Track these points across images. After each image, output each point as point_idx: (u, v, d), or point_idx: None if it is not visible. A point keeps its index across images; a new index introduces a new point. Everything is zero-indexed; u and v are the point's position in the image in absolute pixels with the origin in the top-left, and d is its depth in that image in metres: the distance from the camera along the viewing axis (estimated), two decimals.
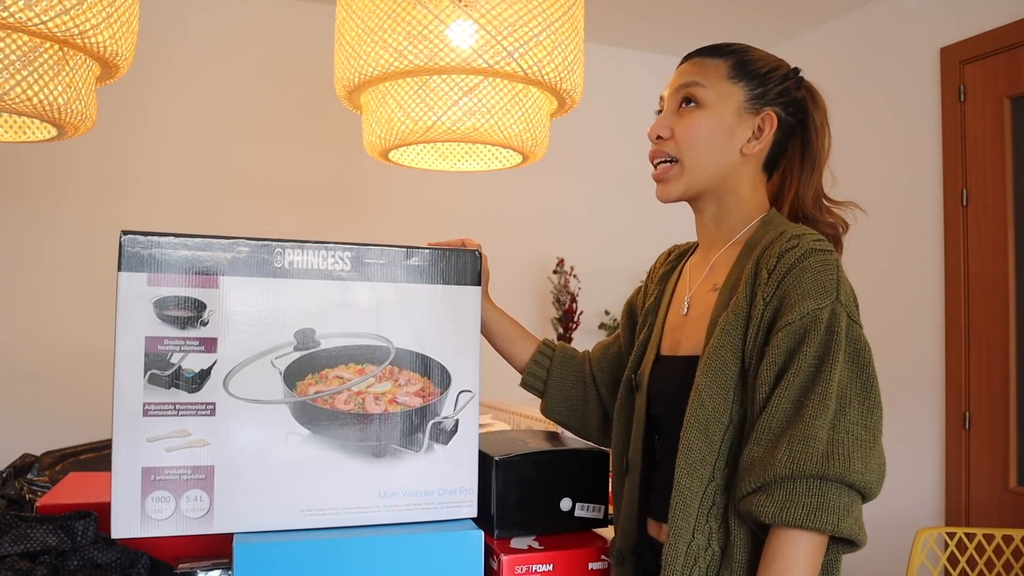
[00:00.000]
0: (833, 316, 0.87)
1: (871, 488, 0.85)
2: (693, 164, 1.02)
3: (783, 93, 1.04)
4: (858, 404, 0.85)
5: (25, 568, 1.02)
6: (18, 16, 1.02)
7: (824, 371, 0.85)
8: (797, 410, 0.85)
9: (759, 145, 1.02)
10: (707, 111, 1.01)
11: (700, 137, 1.01)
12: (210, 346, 0.95)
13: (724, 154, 1.02)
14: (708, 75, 1.02)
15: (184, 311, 0.94)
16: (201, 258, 0.95)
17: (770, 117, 1.02)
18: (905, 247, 2.72)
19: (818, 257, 0.91)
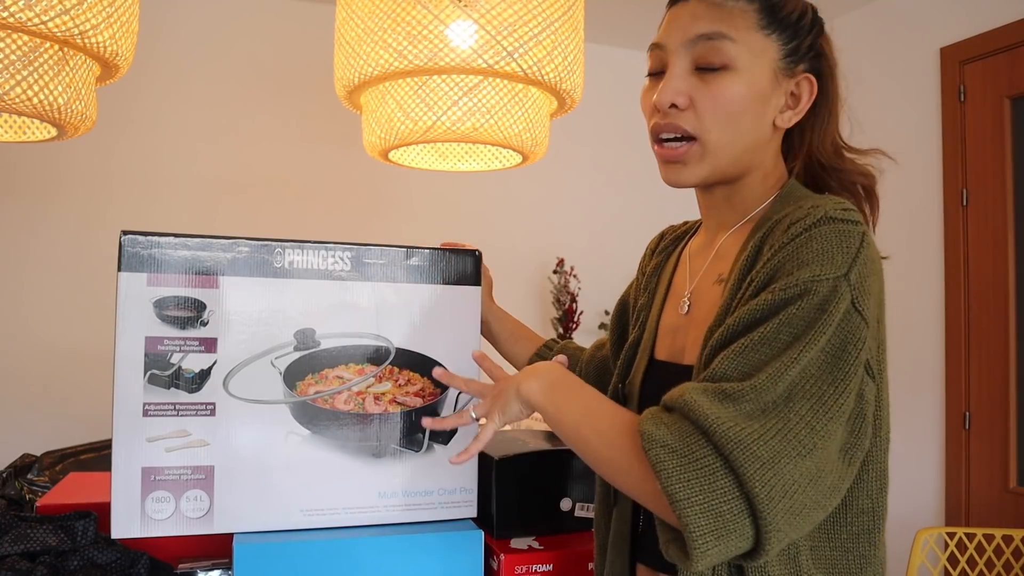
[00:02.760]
0: (833, 293, 0.67)
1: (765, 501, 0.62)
2: (720, 144, 0.79)
3: (814, 45, 0.82)
4: (815, 400, 0.65)
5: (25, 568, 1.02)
6: (18, 16, 1.02)
7: (794, 348, 0.66)
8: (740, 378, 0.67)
9: (795, 116, 0.82)
10: (739, 76, 0.78)
11: (730, 111, 0.78)
12: (210, 346, 0.95)
13: (756, 129, 0.80)
14: (737, 24, 0.78)
15: (184, 311, 0.94)
16: (201, 258, 0.95)
17: (809, 81, 0.81)
18: (905, 247, 2.72)
19: (835, 226, 0.70)
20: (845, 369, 0.67)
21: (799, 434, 0.64)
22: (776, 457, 0.62)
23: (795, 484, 0.63)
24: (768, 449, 0.62)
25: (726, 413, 0.64)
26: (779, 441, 0.63)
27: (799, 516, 0.64)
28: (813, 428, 0.64)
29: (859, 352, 0.67)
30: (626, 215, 3.35)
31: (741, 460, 0.62)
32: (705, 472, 0.63)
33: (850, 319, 0.68)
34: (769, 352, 0.67)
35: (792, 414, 0.64)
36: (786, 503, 0.63)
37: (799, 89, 0.82)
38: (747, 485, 0.62)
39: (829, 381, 0.66)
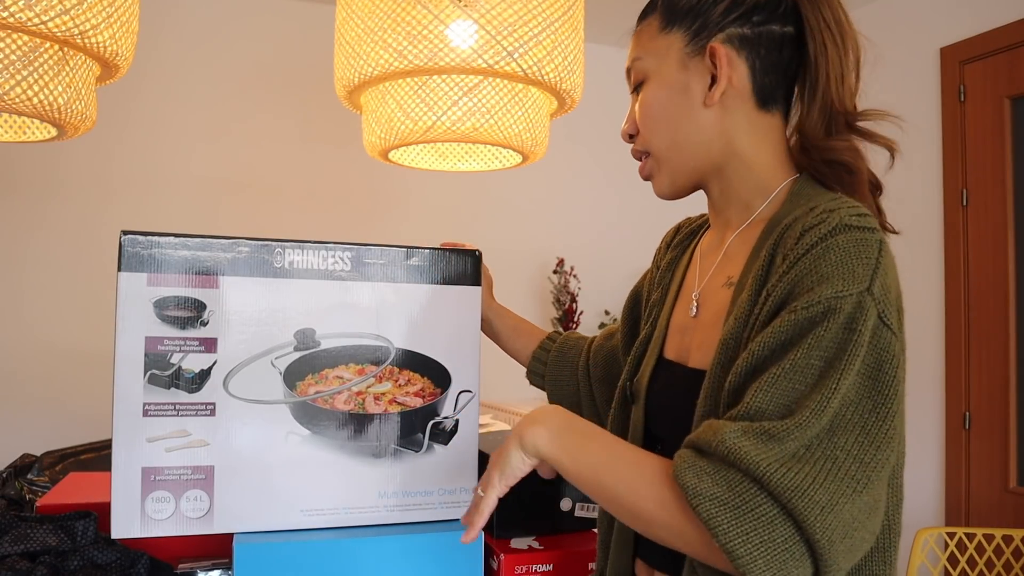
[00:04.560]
0: (858, 309, 0.64)
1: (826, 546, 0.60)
2: (663, 148, 0.82)
3: (734, 6, 0.78)
4: (859, 431, 0.62)
5: (25, 568, 1.02)
6: (18, 16, 1.02)
7: (831, 377, 0.63)
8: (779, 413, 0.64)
9: (720, 88, 0.78)
10: (651, 82, 0.82)
11: (653, 116, 0.82)
12: (210, 346, 0.95)
13: (690, 120, 0.80)
14: (643, 41, 0.83)
15: (184, 311, 0.94)
16: (201, 258, 0.95)
17: (716, 49, 0.78)
18: (905, 247, 2.72)
19: (852, 235, 0.67)
20: (885, 392, 0.64)
21: (850, 470, 0.61)
22: (833, 500, 0.60)
23: (854, 522, 0.61)
24: (825, 492, 0.60)
25: (773, 456, 0.61)
26: (833, 482, 0.61)
27: (856, 551, 0.63)
28: (863, 461, 0.62)
29: (896, 369, 0.64)
30: (626, 215, 3.35)
31: (801, 508, 0.60)
32: (763, 522, 0.61)
33: (880, 336, 0.65)
34: (803, 380, 0.64)
35: (839, 450, 0.62)
36: (846, 543, 0.61)
37: (714, 61, 0.79)
38: (808, 531, 0.60)
39: (871, 407, 0.63)
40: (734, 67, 0.78)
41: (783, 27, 0.79)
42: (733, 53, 0.78)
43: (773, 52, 0.79)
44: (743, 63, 0.79)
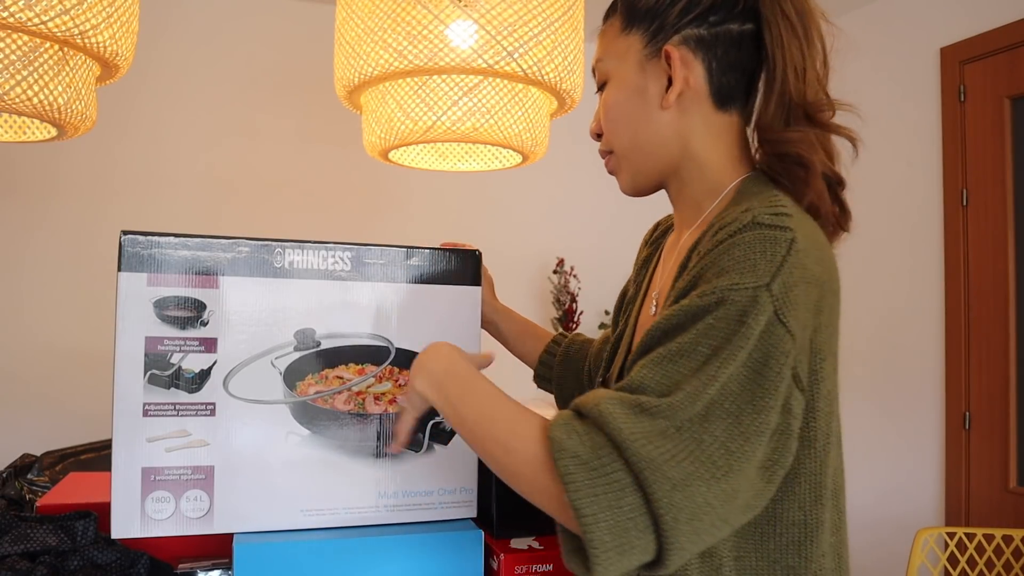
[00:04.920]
0: (752, 303, 0.64)
1: (670, 523, 0.61)
2: (624, 148, 0.84)
3: (690, 7, 0.78)
4: (732, 420, 0.63)
5: (25, 568, 1.02)
6: (18, 16, 1.02)
7: (713, 364, 0.63)
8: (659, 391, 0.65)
9: (675, 91, 0.78)
10: (612, 83, 0.84)
11: (613, 117, 0.84)
12: (210, 346, 0.95)
13: (648, 121, 0.81)
14: (605, 43, 0.85)
15: (184, 311, 0.94)
16: (201, 258, 0.95)
17: (669, 53, 0.78)
18: (905, 247, 2.72)
19: (760, 232, 0.67)
20: (766, 386, 0.64)
21: (713, 456, 0.62)
22: (688, 479, 0.61)
23: (706, 506, 0.62)
24: (680, 471, 0.61)
25: (640, 429, 0.62)
26: (691, 463, 0.61)
27: (704, 535, 0.63)
28: (729, 450, 0.62)
29: (782, 367, 0.64)
30: (626, 215, 3.35)
31: (651, 481, 0.61)
32: (614, 488, 0.62)
33: (773, 332, 0.64)
34: (688, 365, 0.64)
35: (707, 435, 0.62)
36: (693, 525, 0.62)
37: (668, 62, 0.79)
38: (655, 505, 0.61)
39: (748, 399, 0.63)
40: (690, 69, 0.79)
41: (742, 25, 0.79)
42: (689, 55, 0.78)
43: (731, 51, 0.79)
44: (699, 64, 0.79)
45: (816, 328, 0.68)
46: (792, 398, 0.66)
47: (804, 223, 0.70)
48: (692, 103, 0.80)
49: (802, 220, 0.71)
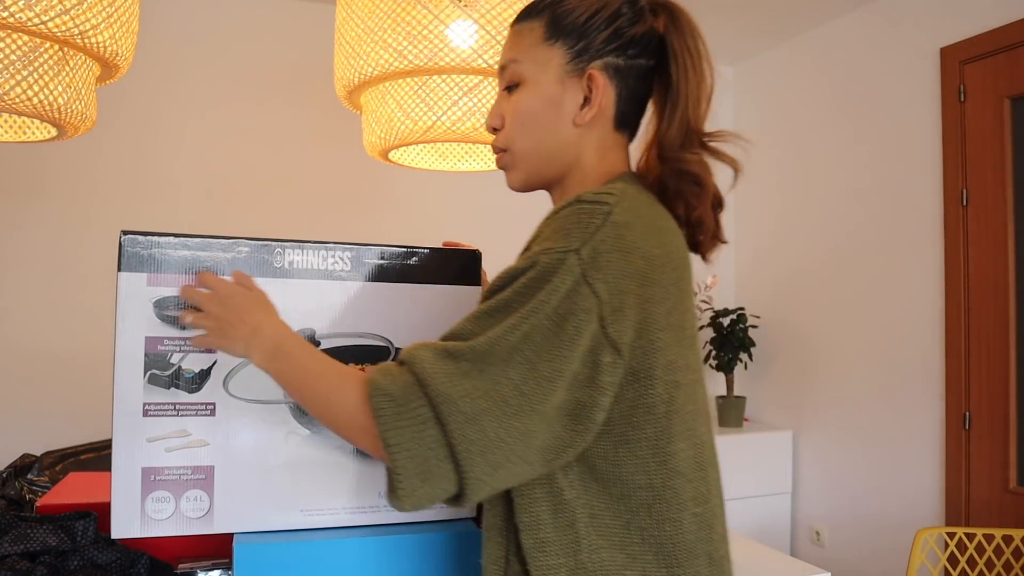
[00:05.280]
0: (560, 264, 0.71)
1: (463, 453, 0.69)
2: (523, 150, 0.88)
3: (614, 36, 0.85)
4: (528, 367, 0.70)
5: (25, 568, 1.02)
6: (18, 16, 1.02)
7: (516, 315, 0.71)
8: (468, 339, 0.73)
9: (592, 111, 0.85)
10: (527, 88, 0.87)
11: (523, 121, 0.87)
12: None
13: (557, 131, 0.87)
14: (523, 44, 0.88)
15: None
16: (201, 258, 0.95)
17: (594, 77, 0.85)
18: (905, 247, 2.72)
19: (580, 206, 0.75)
20: (563, 338, 0.70)
21: (506, 395, 0.69)
22: (479, 414, 0.69)
23: (498, 441, 0.69)
24: (473, 406, 0.69)
25: (443, 368, 0.70)
26: (485, 400, 0.69)
27: (500, 469, 0.70)
28: (522, 391, 0.70)
29: (582, 323, 0.71)
30: None
31: (446, 413, 0.69)
32: (417, 421, 0.70)
33: (578, 291, 0.71)
34: (498, 317, 0.72)
35: (504, 377, 0.70)
36: (487, 457, 0.69)
37: (590, 85, 0.85)
38: (450, 437, 0.69)
39: (547, 348, 0.70)
40: (606, 94, 0.86)
41: (648, 60, 0.87)
42: (607, 81, 0.86)
43: (638, 83, 0.88)
44: (613, 90, 0.86)
45: (648, 299, 0.74)
46: (601, 354, 0.72)
47: (633, 202, 0.77)
48: (597, 122, 0.87)
49: (632, 200, 0.77)
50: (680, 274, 0.79)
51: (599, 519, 0.75)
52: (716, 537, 0.79)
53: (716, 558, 0.78)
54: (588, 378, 0.72)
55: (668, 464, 0.76)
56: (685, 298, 0.79)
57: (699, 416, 0.80)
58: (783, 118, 3.29)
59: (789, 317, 3.24)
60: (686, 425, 0.77)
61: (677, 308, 0.77)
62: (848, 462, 2.93)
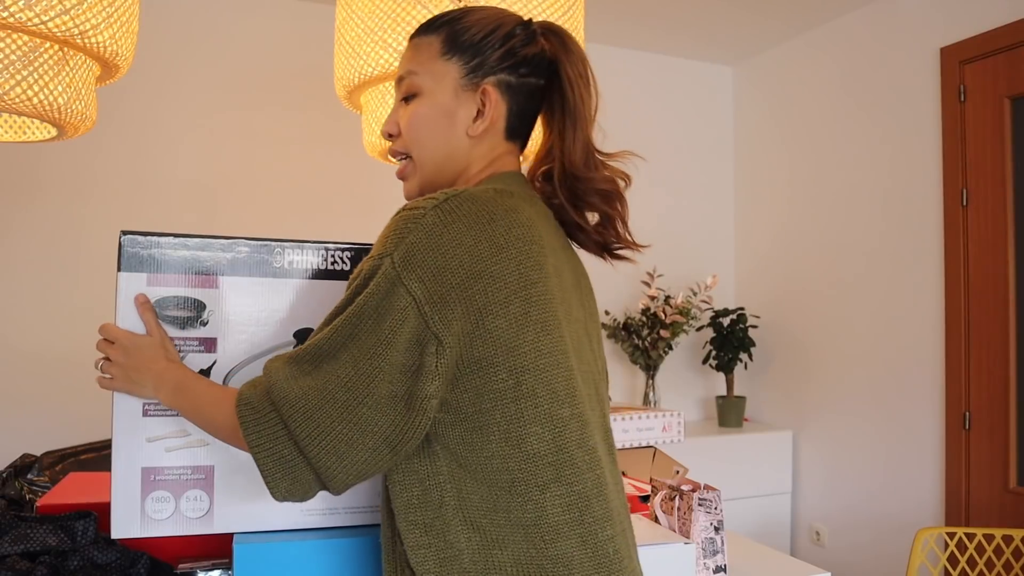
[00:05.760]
0: (377, 270, 0.78)
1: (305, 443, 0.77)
2: (422, 159, 0.94)
3: (507, 55, 0.92)
4: (352, 365, 0.77)
5: (25, 568, 1.02)
6: (18, 16, 1.02)
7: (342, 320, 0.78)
8: None
9: (484, 124, 0.92)
10: (424, 99, 0.93)
11: (420, 130, 0.93)
12: (210, 346, 0.95)
13: (449, 141, 0.93)
14: (422, 58, 0.93)
15: (184, 311, 0.95)
16: (201, 258, 0.95)
17: (487, 92, 0.91)
18: (905, 247, 2.72)
19: (401, 214, 0.81)
20: (383, 336, 0.76)
21: (335, 392, 0.76)
22: (313, 412, 0.76)
23: (337, 434, 0.76)
24: (307, 403, 0.76)
25: (284, 374, 0.79)
26: (318, 398, 0.76)
27: (348, 460, 0.77)
28: (349, 387, 0.76)
29: (401, 321, 0.77)
30: None
31: (286, 414, 0.77)
32: (269, 423, 0.78)
33: (394, 294, 0.77)
34: (333, 322, 0.80)
35: (333, 375, 0.77)
36: (330, 449, 0.76)
37: (483, 100, 0.91)
38: (293, 435, 0.77)
39: (369, 345, 0.77)
40: (498, 108, 0.92)
41: (538, 80, 0.94)
42: (499, 96, 0.92)
43: (528, 100, 0.94)
44: (504, 105, 0.93)
45: (477, 290, 0.78)
46: (426, 345, 0.77)
47: (465, 202, 0.80)
48: (488, 133, 0.93)
49: (465, 200, 0.81)
50: (525, 262, 0.81)
51: (468, 501, 0.79)
52: (592, 519, 0.80)
53: (593, 541, 0.79)
54: (415, 368, 0.77)
55: (522, 448, 0.78)
56: (532, 285, 0.80)
57: (560, 399, 0.81)
58: (783, 118, 3.29)
59: (789, 317, 3.24)
60: (540, 409, 0.79)
61: (520, 296, 0.79)
62: (848, 462, 2.93)
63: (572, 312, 0.89)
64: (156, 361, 0.92)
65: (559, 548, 0.78)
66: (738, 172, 3.53)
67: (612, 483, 0.87)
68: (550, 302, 0.82)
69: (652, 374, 3.14)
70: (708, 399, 3.48)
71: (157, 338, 0.94)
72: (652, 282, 3.12)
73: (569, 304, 0.89)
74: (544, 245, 0.84)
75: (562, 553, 0.78)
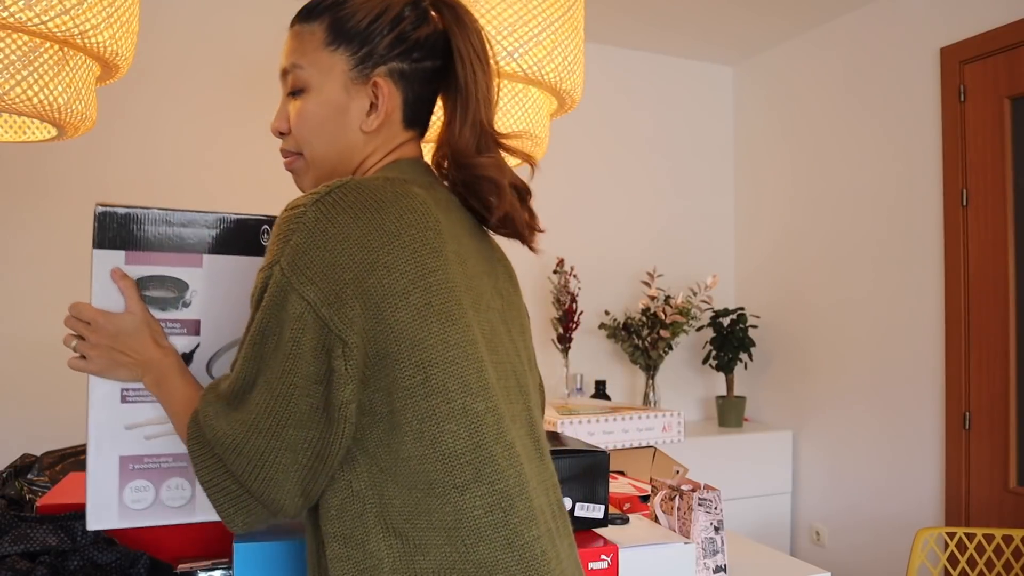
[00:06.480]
0: (267, 281, 0.74)
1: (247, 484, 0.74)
2: (314, 157, 0.88)
3: (398, 41, 0.86)
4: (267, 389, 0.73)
5: (25, 568, 1.02)
6: (18, 16, 1.02)
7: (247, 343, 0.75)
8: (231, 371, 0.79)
9: (379, 119, 0.86)
10: (312, 95, 0.86)
11: (310, 129, 0.87)
12: (192, 328, 0.91)
13: (342, 138, 0.87)
14: (305, 49, 0.87)
15: (165, 291, 0.90)
16: (183, 235, 0.90)
17: (379, 85, 0.86)
18: (905, 247, 2.72)
19: (283, 215, 0.76)
20: (286, 350, 0.73)
21: (259, 421, 0.73)
22: (241, 445, 0.73)
23: (269, 463, 0.73)
24: (235, 439, 0.74)
25: (212, 410, 0.76)
26: (243, 430, 0.73)
27: (285, 484, 0.74)
28: (270, 412, 0.73)
29: (301, 329, 0.72)
30: (626, 215, 3.35)
31: (219, 451, 0.75)
32: (211, 460, 0.76)
33: (287, 299, 0.73)
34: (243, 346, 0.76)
35: (253, 404, 0.74)
36: (268, 478, 0.73)
37: (376, 93, 0.86)
38: (232, 470, 0.74)
39: (277, 364, 0.73)
40: (392, 100, 0.87)
41: (434, 62, 0.88)
42: (392, 86, 0.86)
43: (424, 86, 0.88)
44: (399, 95, 0.87)
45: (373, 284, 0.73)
46: (333, 348, 0.72)
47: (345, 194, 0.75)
48: (385, 126, 0.88)
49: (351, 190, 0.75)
50: (420, 250, 0.76)
51: (390, 506, 0.75)
52: (517, 520, 0.76)
53: (520, 543, 0.75)
54: (326, 375, 0.73)
55: (437, 447, 0.74)
56: (431, 273, 0.76)
57: (474, 392, 0.76)
58: (783, 118, 3.29)
59: (789, 317, 3.24)
60: (453, 404, 0.75)
61: (419, 285, 0.74)
62: (848, 462, 2.93)
63: (482, 300, 0.84)
64: (145, 348, 0.87)
65: (483, 552, 0.74)
66: (738, 172, 3.53)
67: (536, 481, 0.82)
68: (453, 291, 0.77)
69: (652, 374, 3.14)
70: (708, 399, 3.48)
71: (140, 317, 0.88)
72: (652, 282, 3.12)
73: (478, 292, 0.83)
74: (442, 231, 0.79)
75: (486, 557, 0.74)
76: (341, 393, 0.72)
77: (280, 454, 0.73)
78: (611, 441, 1.85)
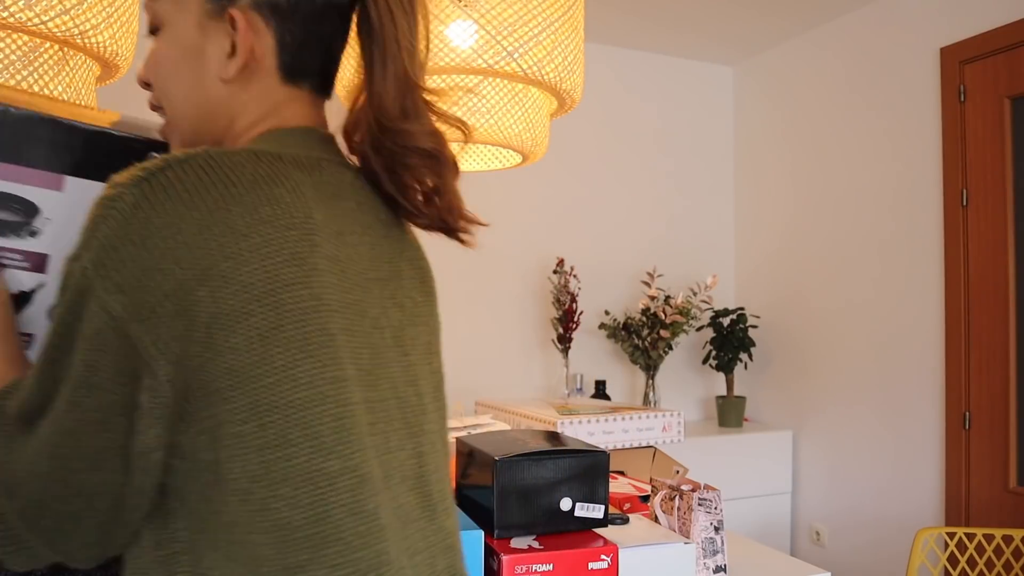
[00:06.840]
0: (67, 281, 0.57)
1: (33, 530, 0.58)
2: (174, 113, 0.71)
3: None
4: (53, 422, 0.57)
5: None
6: (18, 16, 1.02)
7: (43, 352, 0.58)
8: None
9: (236, 63, 0.68)
10: (166, 33, 0.69)
11: (163, 75, 0.70)
12: (37, 263, 0.72)
13: (198, 88, 0.69)
14: None
15: (8, 213, 0.71)
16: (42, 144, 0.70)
17: (235, 19, 0.67)
18: (905, 247, 2.72)
19: (98, 203, 0.57)
20: (78, 375, 0.56)
21: (37, 461, 0.57)
22: (23, 485, 0.58)
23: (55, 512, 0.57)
24: (16, 478, 0.58)
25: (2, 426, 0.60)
26: (27, 468, 0.58)
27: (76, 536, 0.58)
28: (56, 450, 0.57)
29: (98, 351, 0.55)
30: (626, 215, 3.35)
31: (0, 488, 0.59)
32: None
33: (87, 310, 0.56)
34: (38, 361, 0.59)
35: (40, 436, 0.58)
36: (54, 528, 0.58)
37: (233, 30, 0.67)
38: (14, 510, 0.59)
39: (69, 390, 0.56)
40: (259, 38, 0.68)
41: None
42: (259, 21, 0.68)
43: (316, 23, 0.70)
44: (271, 35, 0.68)
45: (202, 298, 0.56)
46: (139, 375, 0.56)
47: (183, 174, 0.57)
48: (254, 76, 0.69)
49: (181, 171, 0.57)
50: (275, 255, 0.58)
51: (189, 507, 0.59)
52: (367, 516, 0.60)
53: None
54: (129, 409, 0.56)
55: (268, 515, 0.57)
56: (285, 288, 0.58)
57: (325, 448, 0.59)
58: (783, 118, 3.29)
59: (789, 317, 3.24)
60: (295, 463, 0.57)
61: (265, 303, 0.57)
62: (848, 462, 2.93)
63: (365, 319, 0.65)
64: None
65: None
66: (738, 172, 3.53)
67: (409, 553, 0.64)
68: (316, 311, 0.59)
69: (652, 374, 3.14)
70: (708, 399, 3.48)
71: None
72: (652, 282, 3.12)
73: (360, 309, 0.64)
74: (314, 230, 0.61)
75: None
76: (143, 437, 0.56)
77: (68, 501, 0.57)
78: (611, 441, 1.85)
